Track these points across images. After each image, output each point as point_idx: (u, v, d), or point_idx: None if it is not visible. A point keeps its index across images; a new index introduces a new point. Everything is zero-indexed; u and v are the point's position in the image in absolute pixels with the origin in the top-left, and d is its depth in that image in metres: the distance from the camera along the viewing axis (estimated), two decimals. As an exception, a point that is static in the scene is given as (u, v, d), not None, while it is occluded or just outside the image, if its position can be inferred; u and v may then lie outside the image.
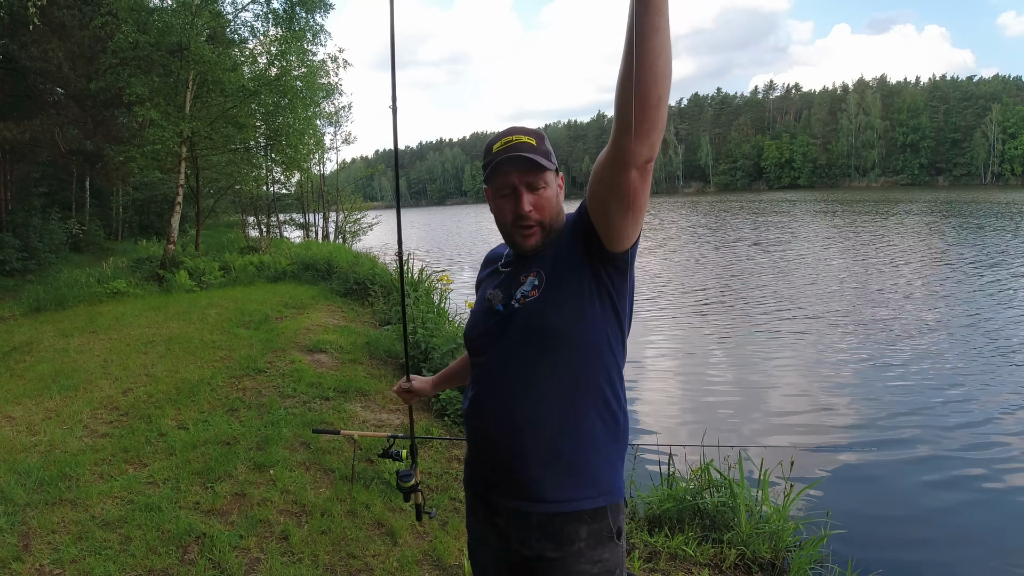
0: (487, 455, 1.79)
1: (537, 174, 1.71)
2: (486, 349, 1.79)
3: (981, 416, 7.20)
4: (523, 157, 1.68)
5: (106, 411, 5.81)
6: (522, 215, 1.71)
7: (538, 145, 1.72)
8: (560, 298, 1.66)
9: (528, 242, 1.74)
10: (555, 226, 1.76)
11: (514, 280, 1.78)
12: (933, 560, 4.73)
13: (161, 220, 26.38)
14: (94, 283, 13.11)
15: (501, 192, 1.76)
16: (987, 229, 28.51)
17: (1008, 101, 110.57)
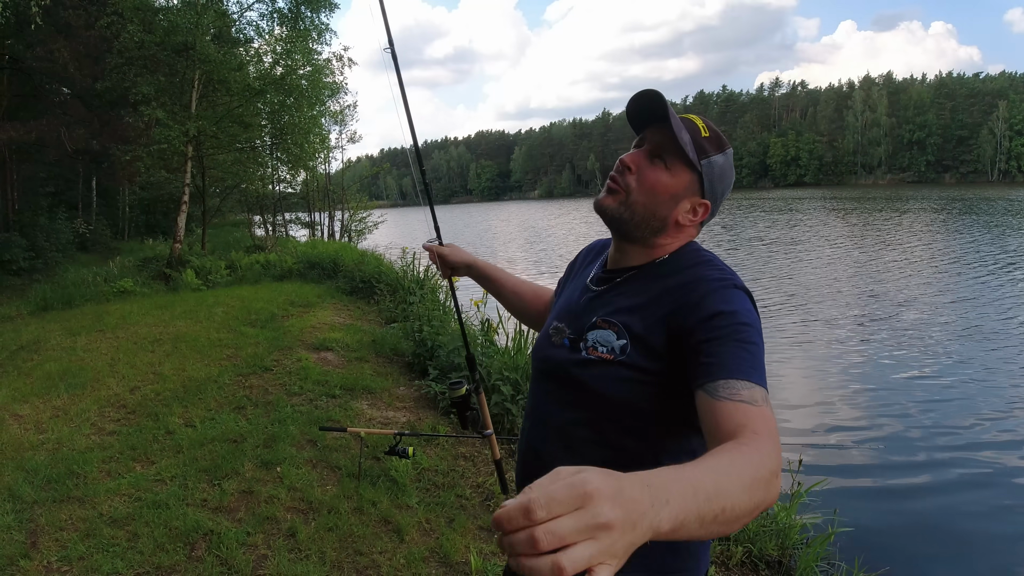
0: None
1: (667, 143, 1.38)
2: (543, 381, 1.53)
3: (991, 415, 7.19)
4: (674, 125, 1.36)
5: (113, 409, 5.83)
6: (621, 162, 1.43)
7: (703, 136, 1.41)
8: (635, 384, 1.33)
9: (605, 200, 1.44)
10: (642, 218, 1.42)
11: (588, 317, 1.46)
12: (941, 558, 4.73)
13: (167, 219, 26.40)
14: (101, 282, 13.16)
15: (636, 142, 1.47)
16: (1006, 228, 28.36)
17: (1015, 98, 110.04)
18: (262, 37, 17.53)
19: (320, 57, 17.79)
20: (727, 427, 1.10)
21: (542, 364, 1.54)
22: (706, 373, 1.18)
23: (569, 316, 1.51)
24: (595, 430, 1.39)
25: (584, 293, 1.54)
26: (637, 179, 1.41)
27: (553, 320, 1.57)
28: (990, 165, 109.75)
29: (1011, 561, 4.69)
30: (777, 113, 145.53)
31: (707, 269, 1.37)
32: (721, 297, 1.27)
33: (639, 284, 1.43)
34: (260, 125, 18.06)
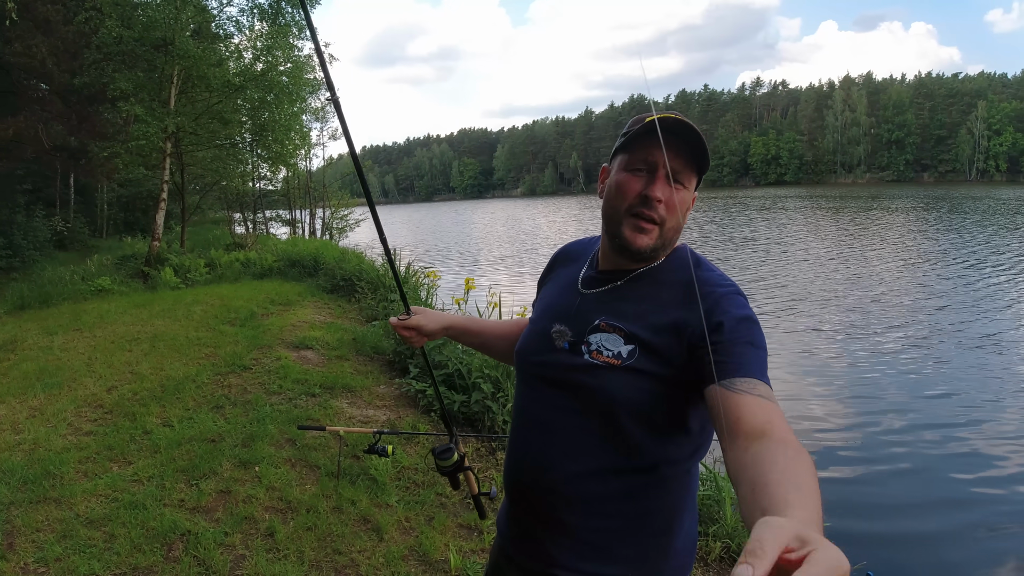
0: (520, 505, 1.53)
1: (687, 165, 1.39)
2: (539, 387, 1.49)
3: (971, 413, 7.28)
4: (686, 137, 1.35)
5: (90, 409, 5.78)
6: (649, 199, 1.36)
7: (705, 141, 1.38)
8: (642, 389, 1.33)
9: (640, 239, 1.39)
10: (670, 241, 1.44)
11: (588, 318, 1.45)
12: (919, 553, 4.79)
13: (146, 217, 26.20)
14: (78, 281, 13.02)
15: (635, 166, 1.40)
16: (997, 227, 28.71)
17: (993, 98, 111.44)
18: (242, 33, 17.40)
19: (301, 53, 17.72)
20: (753, 421, 1.13)
21: (540, 369, 1.50)
22: (724, 370, 1.20)
23: (566, 318, 1.49)
24: (603, 436, 1.37)
25: (577, 294, 1.52)
26: (668, 209, 1.38)
27: (549, 322, 1.52)
28: (968, 164, 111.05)
29: (989, 557, 4.75)
30: (758, 112, 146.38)
31: (708, 274, 1.40)
32: (731, 303, 1.32)
33: (643, 288, 1.43)
34: (240, 121, 17.94)
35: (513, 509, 1.57)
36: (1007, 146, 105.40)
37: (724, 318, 1.28)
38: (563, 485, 1.40)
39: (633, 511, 1.38)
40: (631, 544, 1.39)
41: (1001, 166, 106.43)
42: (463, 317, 1.98)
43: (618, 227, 1.42)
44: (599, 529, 1.39)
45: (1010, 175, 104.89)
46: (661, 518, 1.41)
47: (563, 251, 1.74)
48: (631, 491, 1.38)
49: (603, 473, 1.38)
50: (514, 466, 1.54)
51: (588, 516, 1.39)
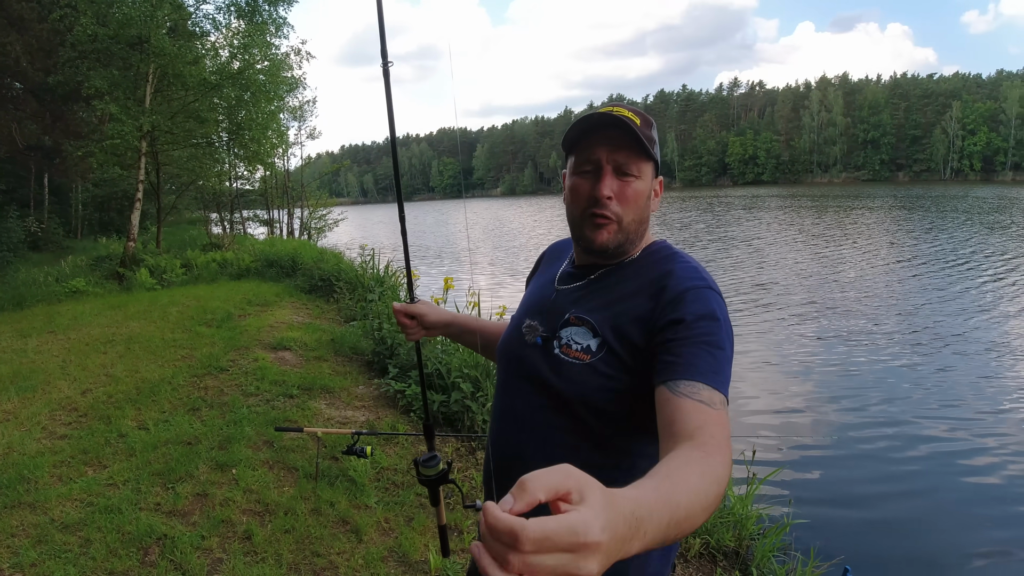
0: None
1: (631, 155, 1.37)
2: (515, 381, 1.50)
3: (940, 405, 7.38)
4: (621, 127, 1.34)
5: (65, 412, 5.70)
6: (598, 199, 1.37)
7: (642, 126, 1.37)
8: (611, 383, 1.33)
9: (599, 235, 1.39)
10: (635, 233, 1.43)
11: (560, 312, 1.45)
12: (894, 545, 4.85)
13: (122, 217, 25.93)
14: (52, 282, 12.89)
15: (581, 168, 1.41)
16: (985, 225, 29.08)
17: (968, 98, 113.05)
18: (219, 30, 17.24)
19: (278, 51, 17.60)
20: (685, 425, 1.12)
21: (516, 365, 1.50)
22: (670, 371, 1.20)
23: (540, 313, 1.49)
24: (576, 431, 1.37)
25: (553, 290, 1.53)
26: (621, 202, 1.38)
27: (524, 317, 1.53)
28: (943, 164, 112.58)
29: (962, 548, 4.82)
30: (736, 112, 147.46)
31: (680, 267, 1.38)
32: (696, 297, 1.30)
33: (615, 283, 1.43)
34: (216, 120, 17.78)
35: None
36: (981, 146, 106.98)
37: (684, 314, 1.26)
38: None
39: None
40: None
41: (976, 165, 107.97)
42: (466, 316, 1.94)
43: (580, 230, 1.43)
44: None
45: (984, 174, 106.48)
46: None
47: (550, 249, 1.75)
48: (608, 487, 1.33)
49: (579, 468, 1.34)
50: (495, 464, 1.54)
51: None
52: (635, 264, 1.45)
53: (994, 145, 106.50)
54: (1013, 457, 6.11)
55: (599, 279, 1.46)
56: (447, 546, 2.19)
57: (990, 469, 5.93)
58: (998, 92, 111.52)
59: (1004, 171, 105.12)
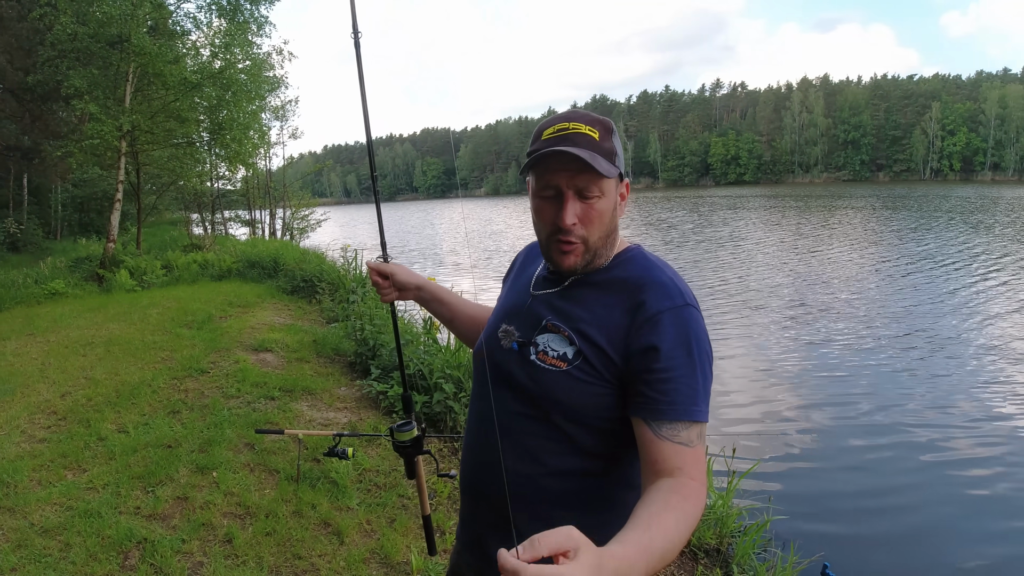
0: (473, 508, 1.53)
1: (591, 179, 1.33)
2: (492, 386, 1.47)
3: (921, 403, 7.46)
4: (577, 155, 1.30)
5: (44, 416, 5.66)
6: (563, 227, 1.35)
7: (600, 140, 1.35)
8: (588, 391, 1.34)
9: (565, 260, 1.39)
10: (603, 248, 1.41)
11: (536, 318, 1.45)
12: (872, 539, 4.90)
13: (101, 218, 25.66)
14: (31, 284, 12.77)
15: (543, 193, 1.39)
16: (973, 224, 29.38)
17: (947, 99, 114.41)
18: (200, 30, 17.13)
19: (260, 50, 17.51)
20: (665, 466, 1.22)
21: (493, 370, 1.48)
22: (651, 410, 1.25)
23: (516, 317, 1.49)
24: (552, 438, 1.37)
25: (529, 295, 1.52)
26: (586, 226, 1.37)
27: (500, 322, 1.53)
28: (922, 164, 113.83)
29: (940, 542, 4.88)
30: (718, 113, 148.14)
31: (657, 282, 1.37)
32: (673, 320, 1.30)
33: (590, 291, 1.41)
34: (197, 120, 17.66)
35: (466, 513, 1.57)
36: (960, 146, 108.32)
37: (662, 341, 1.28)
38: (514, 487, 1.38)
39: (586, 515, 1.35)
40: None
41: (955, 165, 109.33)
42: (438, 286, 1.95)
43: (547, 252, 1.43)
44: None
45: (963, 174, 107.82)
46: (615, 524, 1.29)
47: (525, 250, 1.74)
48: (584, 495, 1.37)
49: (554, 476, 1.37)
50: (467, 468, 1.54)
51: (539, 520, 1.30)
52: (609, 271, 1.43)
53: (973, 145, 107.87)
54: (993, 454, 6.19)
55: (575, 286, 1.44)
56: (433, 543, 2.12)
57: (968, 465, 6.00)
58: (977, 93, 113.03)
59: (983, 171, 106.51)
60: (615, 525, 1.26)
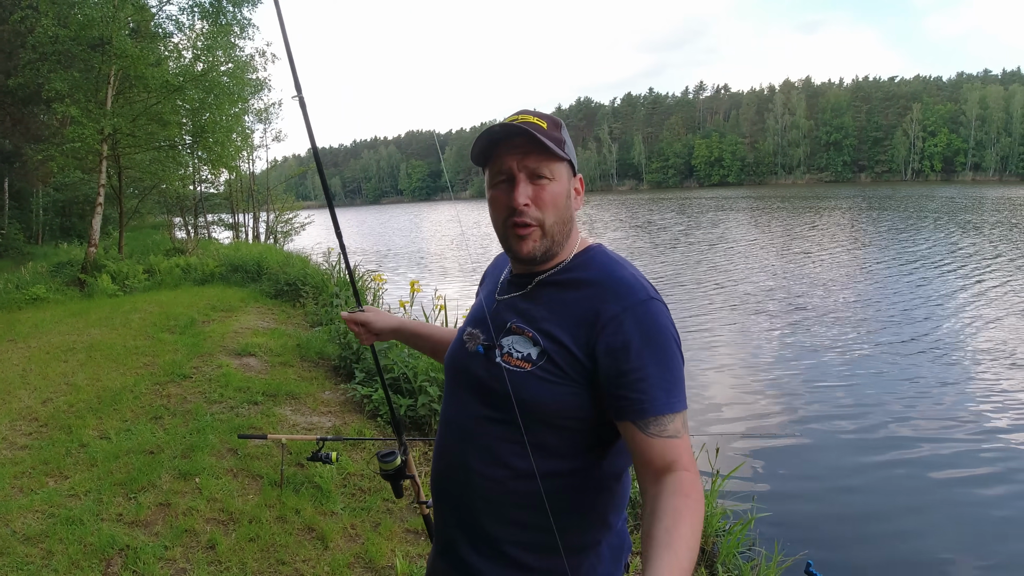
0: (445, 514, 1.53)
1: (541, 159, 1.37)
2: (460, 391, 1.50)
3: (904, 402, 7.53)
4: (525, 134, 1.35)
5: (25, 422, 5.62)
6: (516, 208, 1.37)
7: (548, 129, 1.39)
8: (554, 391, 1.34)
9: (523, 245, 1.40)
10: (560, 235, 1.42)
11: (502, 321, 1.46)
12: (855, 537, 4.94)
13: (83, 222, 25.53)
14: (12, 289, 12.65)
15: (496, 181, 1.42)
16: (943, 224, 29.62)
17: (928, 100, 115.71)
18: (182, 32, 17.04)
19: (242, 53, 17.43)
20: (660, 464, 1.24)
21: (460, 375, 1.50)
22: (634, 410, 1.26)
23: (482, 322, 1.50)
24: (520, 442, 1.36)
25: (494, 300, 1.53)
26: (539, 207, 1.38)
27: (467, 327, 1.55)
28: (904, 165, 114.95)
29: (923, 539, 4.93)
30: (702, 115, 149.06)
31: (620, 279, 1.38)
32: (641, 315, 1.31)
33: (553, 291, 1.43)
34: (179, 123, 17.56)
35: (437, 518, 1.57)
36: (941, 147, 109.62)
37: (629, 341, 1.29)
38: (483, 492, 1.40)
39: (555, 518, 1.34)
40: (552, 555, 1.36)
41: (936, 166, 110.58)
42: (414, 321, 2.00)
43: (506, 241, 1.44)
44: (520, 541, 1.39)
45: (944, 174, 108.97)
46: (585, 526, 1.41)
47: (493, 261, 1.75)
48: (552, 497, 1.35)
49: (521, 478, 1.36)
50: (437, 473, 1.55)
51: (508, 524, 1.39)
52: (571, 271, 1.44)
53: (954, 146, 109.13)
54: (977, 452, 6.25)
55: (537, 288, 1.45)
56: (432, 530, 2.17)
57: (952, 466, 6.05)
58: (958, 94, 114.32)
59: (964, 171, 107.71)
60: (582, 527, 1.40)
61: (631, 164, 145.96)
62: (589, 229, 36.55)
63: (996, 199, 47.70)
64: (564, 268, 1.44)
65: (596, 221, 43.04)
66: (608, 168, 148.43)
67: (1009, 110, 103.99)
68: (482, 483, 1.40)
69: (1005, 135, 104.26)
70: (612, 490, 1.44)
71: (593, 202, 79.34)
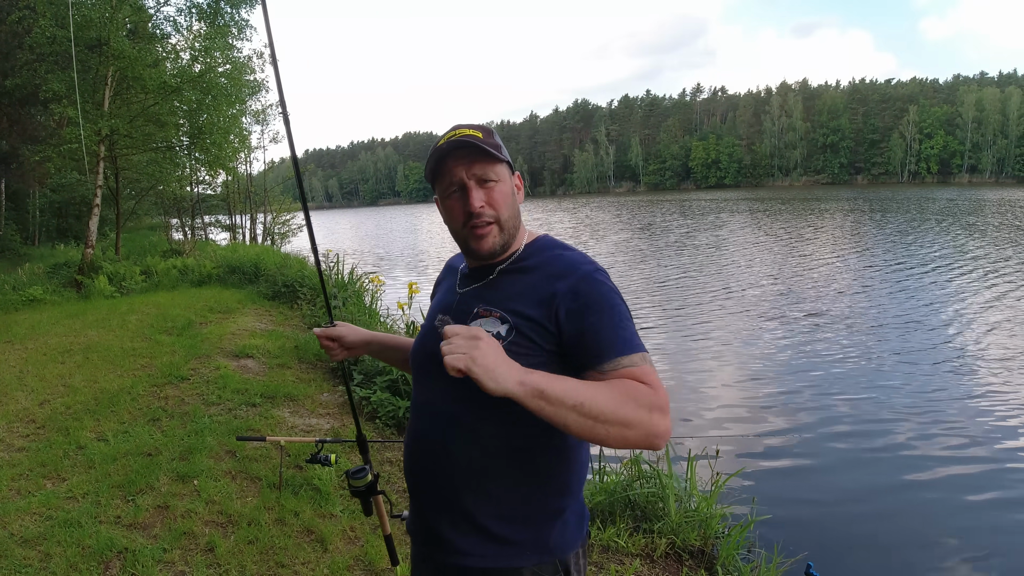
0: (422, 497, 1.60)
1: (486, 164, 1.52)
2: (430, 379, 1.58)
3: (904, 406, 7.51)
4: (468, 146, 1.50)
5: (22, 424, 5.60)
6: (473, 212, 1.51)
7: (484, 137, 1.53)
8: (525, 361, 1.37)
9: (484, 244, 1.54)
10: (513, 228, 1.57)
11: (467, 309, 1.57)
12: (854, 539, 4.94)
13: (80, 223, 25.45)
14: (9, 290, 12.64)
15: (448, 192, 1.55)
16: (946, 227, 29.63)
17: (925, 103, 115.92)
18: (180, 33, 17.01)
19: (240, 54, 17.40)
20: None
21: (430, 361, 1.55)
22: (593, 358, 1.40)
23: (450, 312, 1.60)
24: (495, 417, 1.46)
25: (456, 294, 1.65)
26: (493, 207, 1.53)
27: (435, 314, 1.63)
28: (900, 167, 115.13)
29: (923, 541, 4.93)
30: (699, 117, 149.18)
31: (568, 258, 1.55)
32: (591, 282, 1.47)
33: (512, 277, 1.57)
34: (177, 124, 17.53)
35: (413, 505, 1.66)
36: (938, 149, 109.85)
37: (584, 306, 1.44)
38: (461, 468, 1.51)
39: (529, 487, 1.50)
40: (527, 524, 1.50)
41: (932, 168, 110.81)
42: (384, 334, 2.06)
43: (465, 243, 1.59)
44: (497, 514, 1.49)
45: (941, 176, 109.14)
46: (555, 494, 1.54)
47: (447, 264, 1.88)
48: (526, 467, 1.49)
49: (496, 452, 1.48)
50: (410, 455, 1.63)
51: (484, 497, 1.50)
52: (525, 258, 1.59)
53: (950, 148, 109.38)
54: (980, 458, 6.24)
55: (497, 277, 1.59)
56: (395, 554, 2.38)
57: (953, 467, 6.05)
58: (955, 96, 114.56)
59: (960, 173, 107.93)
60: (552, 495, 1.54)
61: (628, 166, 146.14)
62: (592, 231, 36.58)
63: (996, 201, 47.74)
64: (519, 257, 1.60)
65: (600, 223, 42.96)
66: (605, 170, 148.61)
67: (1005, 112, 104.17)
68: (460, 460, 1.51)
69: (1001, 137, 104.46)
70: (577, 458, 1.58)
71: (592, 204, 79.40)
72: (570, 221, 47.39)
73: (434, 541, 1.57)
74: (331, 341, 1.99)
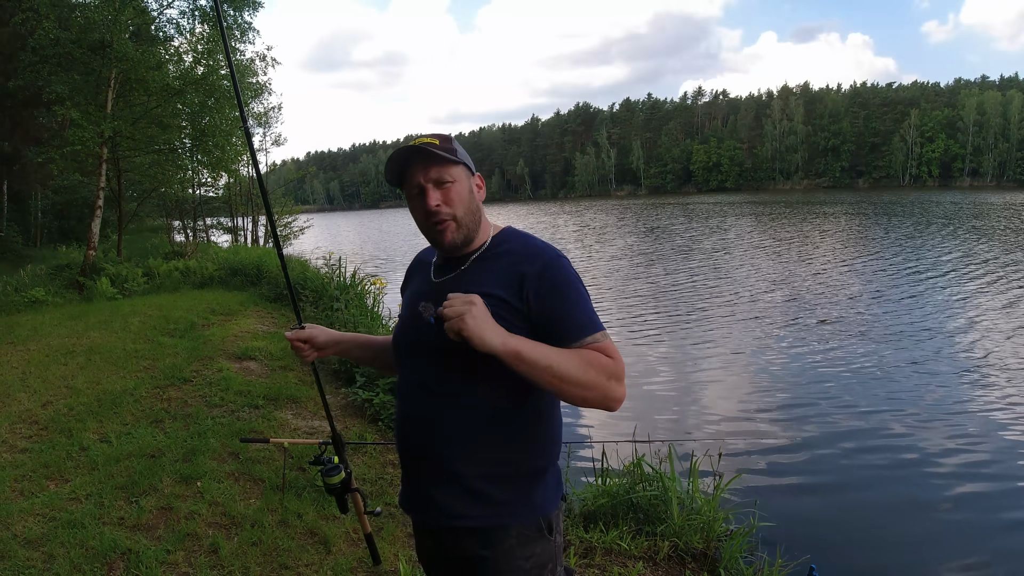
0: (416, 468, 1.77)
1: (441, 167, 1.69)
2: (416, 359, 1.76)
3: (906, 408, 7.51)
4: (423, 152, 1.67)
5: (25, 425, 5.61)
6: (430, 211, 1.69)
7: (440, 143, 1.71)
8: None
9: (445, 237, 1.72)
10: (472, 223, 1.74)
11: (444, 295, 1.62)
12: (858, 543, 4.93)
13: (82, 225, 25.42)
14: (11, 292, 12.62)
15: (411, 194, 1.74)
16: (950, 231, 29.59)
17: (926, 106, 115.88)
18: (183, 35, 17.03)
19: (243, 56, 17.42)
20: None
21: (413, 347, 1.77)
22: (564, 336, 1.60)
23: (429, 300, 1.66)
24: (483, 394, 1.66)
25: (431, 284, 1.81)
26: (449, 205, 1.70)
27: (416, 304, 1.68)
28: (901, 171, 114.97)
29: (926, 544, 4.93)
30: (700, 121, 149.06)
31: (533, 241, 1.76)
32: (556, 268, 1.67)
33: (483, 264, 1.74)
34: (179, 126, 17.56)
35: (405, 477, 1.83)
36: (939, 153, 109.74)
37: (550, 286, 1.64)
38: (453, 437, 1.68)
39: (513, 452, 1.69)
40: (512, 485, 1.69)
41: (933, 172, 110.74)
42: (353, 334, 2.19)
43: (430, 236, 1.77)
44: (485, 475, 1.67)
45: (942, 180, 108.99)
46: (536, 455, 1.73)
47: (415, 260, 2.01)
48: (510, 428, 1.69)
49: (486, 420, 1.67)
50: (402, 430, 1.79)
51: (475, 462, 1.67)
52: (496, 248, 1.76)
53: (952, 152, 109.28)
54: (984, 462, 6.23)
55: (470, 266, 1.75)
56: (376, 554, 2.49)
57: (955, 469, 6.06)
58: (956, 100, 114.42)
59: (962, 177, 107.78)
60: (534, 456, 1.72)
61: (630, 169, 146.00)
62: (597, 235, 36.57)
63: (1001, 205, 47.68)
64: (489, 247, 1.77)
65: (604, 227, 42.87)
66: (607, 173, 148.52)
67: (1007, 116, 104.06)
68: (447, 427, 1.68)
69: (1003, 141, 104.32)
70: (551, 418, 1.78)
71: (595, 207, 79.35)
72: (574, 224, 47.34)
73: (430, 508, 1.73)
74: (302, 343, 2.07)
